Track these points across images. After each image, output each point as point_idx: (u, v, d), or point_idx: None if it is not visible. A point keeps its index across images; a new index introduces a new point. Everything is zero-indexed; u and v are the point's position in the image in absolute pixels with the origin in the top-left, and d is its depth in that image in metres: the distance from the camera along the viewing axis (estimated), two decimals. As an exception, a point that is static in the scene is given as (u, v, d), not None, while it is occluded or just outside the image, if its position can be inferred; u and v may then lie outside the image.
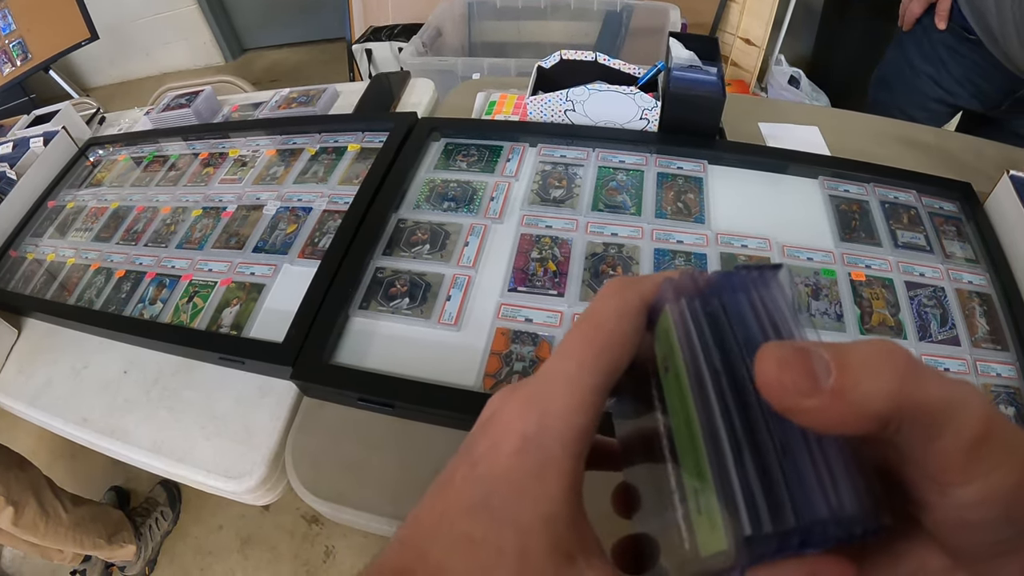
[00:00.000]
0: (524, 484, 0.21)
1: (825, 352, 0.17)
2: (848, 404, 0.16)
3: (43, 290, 0.93)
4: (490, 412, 0.24)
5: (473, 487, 0.21)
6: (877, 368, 0.16)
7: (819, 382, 0.16)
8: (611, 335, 0.22)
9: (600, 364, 0.22)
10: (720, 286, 0.22)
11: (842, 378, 0.16)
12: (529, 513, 0.20)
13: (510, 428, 0.22)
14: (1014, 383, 0.63)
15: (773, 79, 2.34)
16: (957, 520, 0.17)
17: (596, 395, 0.22)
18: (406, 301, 0.72)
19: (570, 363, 0.22)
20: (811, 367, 0.16)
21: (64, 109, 1.29)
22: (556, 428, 0.21)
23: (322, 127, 1.03)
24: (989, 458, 0.16)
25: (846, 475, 0.17)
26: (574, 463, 0.21)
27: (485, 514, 0.21)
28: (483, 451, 0.22)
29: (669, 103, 0.84)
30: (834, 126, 1.00)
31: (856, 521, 0.17)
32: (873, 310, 0.68)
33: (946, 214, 0.79)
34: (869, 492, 0.17)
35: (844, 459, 0.17)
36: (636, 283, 0.23)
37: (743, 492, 0.17)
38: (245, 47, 3.79)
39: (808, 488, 0.17)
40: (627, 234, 0.76)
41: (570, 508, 0.21)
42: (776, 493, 0.17)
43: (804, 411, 0.16)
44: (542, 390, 0.22)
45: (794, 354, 0.17)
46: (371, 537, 1.51)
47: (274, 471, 0.70)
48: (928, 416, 0.16)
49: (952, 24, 1.11)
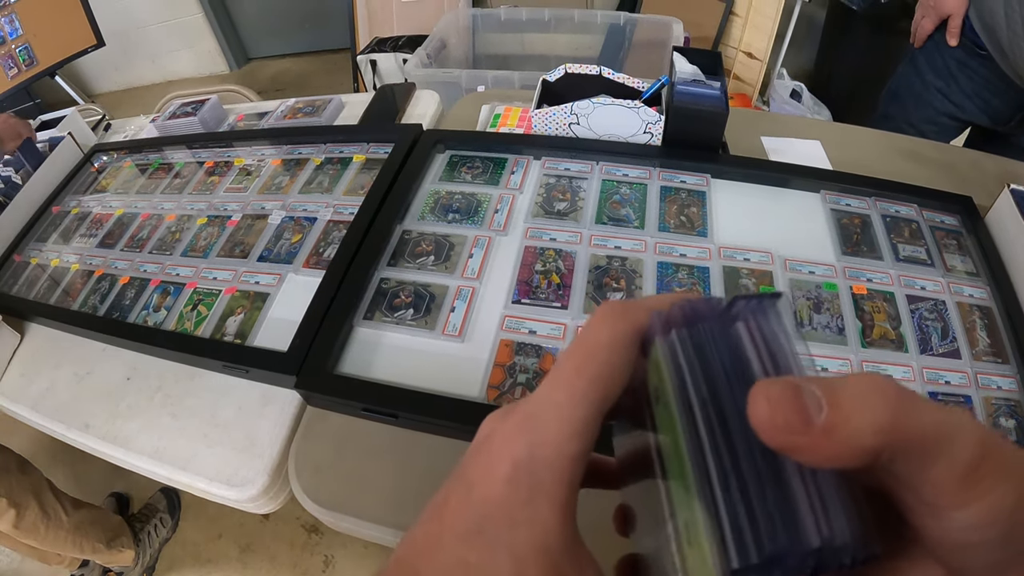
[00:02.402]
0: (516, 511, 0.21)
1: (817, 388, 0.17)
2: (840, 440, 0.16)
3: (47, 295, 0.94)
4: (483, 435, 0.24)
5: (468, 511, 0.22)
6: (868, 402, 0.16)
7: (811, 419, 0.16)
8: (603, 366, 0.22)
9: (592, 395, 0.22)
10: (710, 316, 0.22)
11: (833, 415, 0.16)
12: (523, 541, 0.20)
13: (502, 454, 0.22)
14: (1015, 395, 0.63)
15: (775, 93, 2.35)
16: (955, 543, 0.17)
17: (587, 425, 0.22)
18: (410, 312, 0.72)
19: (561, 393, 0.22)
20: (802, 404, 0.16)
21: (70, 115, 1.30)
22: (547, 456, 0.21)
23: (327, 138, 1.04)
24: (985, 481, 0.16)
25: (839, 504, 0.17)
26: (566, 491, 0.21)
27: (480, 540, 0.21)
28: (477, 475, 0.22)
29: (672, 117, 0.85)
30: (836, 140, 1.00)
31: (847, 550, 0.17)
32: (874, 323, 0.68)
33: (947, 228, 0.80)
34: (861, 520, 0.17)
35: (836, 488, 0.17)
36: (628, 312, 0.23)
37: (731, 525, 0.17)
38: (250, 56, 3.81)
39: (798, 518, 0.17)
40: (630, 247, 0.77)
41: (564, 534, 0.21)
42: (763, 525, 0.17)
43: (797, 448, 0.17)
44: (533, 417, 0.22)
45: (785, 392, 0.17)
46: (371, 547, 1.50)
47: (276, 480, 0.70)
48: (921, 446, 0.16)
49: (963, 39, 1.12)
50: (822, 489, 0.17)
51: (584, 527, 0.22)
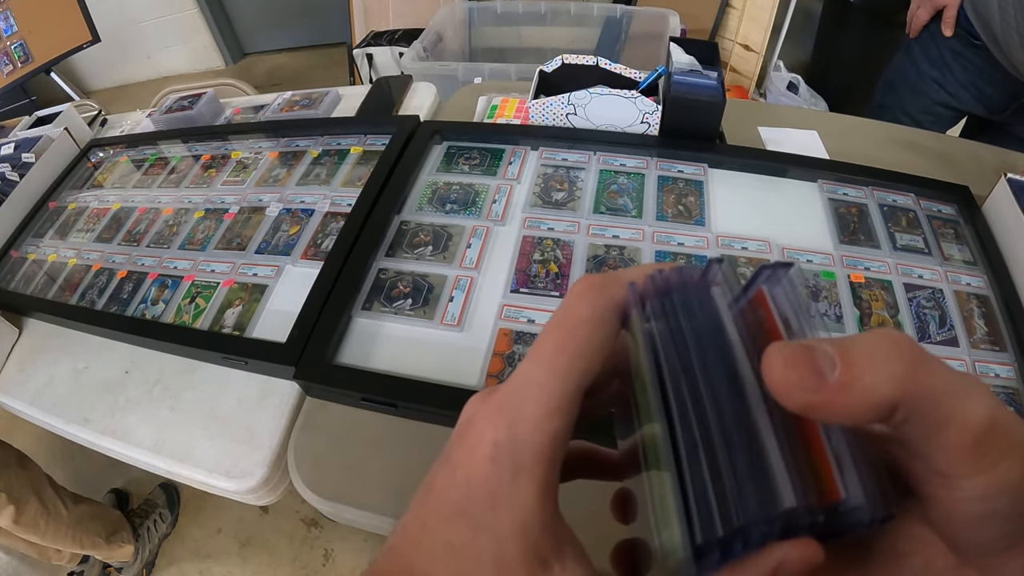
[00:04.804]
0: (498, 491, 0.21)
1: (830, 347, 0.17)
2: (855, 395, 0.16)
3: (44, 290, 0.94)
4: (466, 417, 0.24)
5: (452, 494, 0.22)
6: (883, 356, 0.16)
7: (824, 376, 0.16)
8: (583, 341, 0.22)
9: (572, 371, 0.22)
10: (682, 285, 0.22)
11: (847, 370, 0.16)
12: (504, 520, 0.21)
13: (483, 435, 0.22)
14: (1012, 383, 0.64)
15: (772, 85, 2.35)
16: (964, 514, 0.17)
17: (568, 401, 0.22)
18: (409, 302, 0.72)
19: (541, 370, 0.22)
20: (816, 363, 0.17)
21: (66, 111, 1.29)
22: (527, 435, 0.21)
23: (324, 130, 1.04)
24: (995, 450, 0.16)
25: (852, 466, 0.17)
26: (546, 469, 0.21)
27: (464, 521, 0.21)
28: (460, 458, 0.22)
29: (670, 107, 0.84)
30: (833, 130, 1.00)
31: (863, 510, 0.17)
32: (872, 312, 0.69)
33: (944, 217, 0.80)
34: (877, 482, 0.17)
35: (851, 451, 0.17)
36: (606, 286, 0.23)
37: (696, 498, 0.17)
38: (246, 51, 3.80)
39: (773, 483, 0.17)
40: (628, 236, 0.77)
41: (544, 513, 0.21)
42: (731, 495, 0.17)
43: (813, 407, 0.17)
44: (513, 397, 0.22)
45: (798, 352, 0.17)
46: (370, 540, 1.50)
47: (276, 471, 0.70)
48: (935, 404, 0.16)
49: (959, 29, 1.12)
50: (838, 451, 0.17)
51: (582, 513, 0.22)
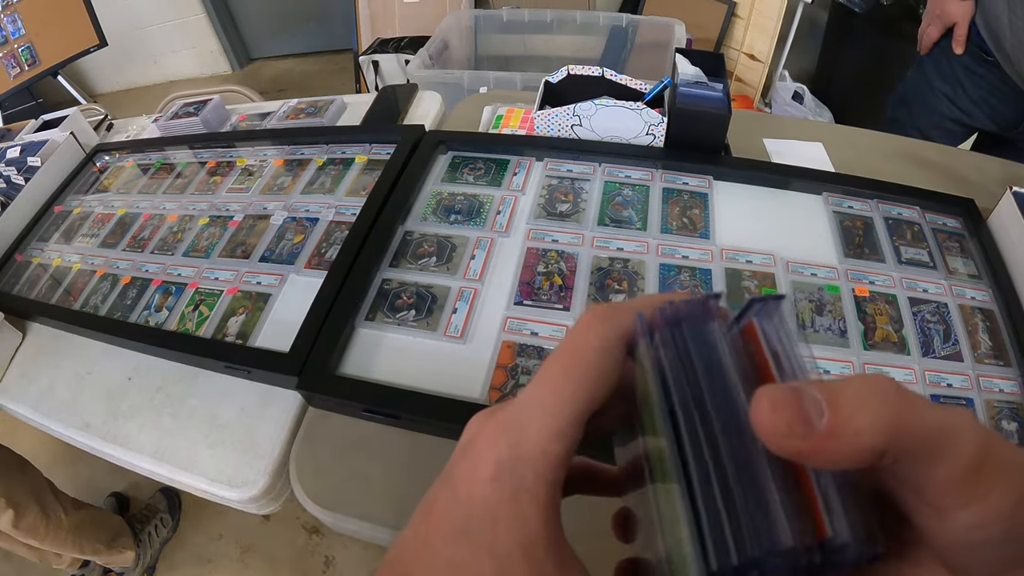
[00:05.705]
0: (499, 510, 0.21)
1: (817, 392, 0.17)
2: (843, 442, 0.16)
3: (48, 295, 0.94)
4: (469, 436, 0.24)
5: (454, 512, 0.22)
6: (868, 403, 0.16)
7: (812, 423, 0.16)
8: (591, 369, 0.22)
9: (578, 396, 0.22)
10: (690, 316, 0.22)
11: (835, 417, 0.16)
12: (505, 540, 0.21)
13: (486, 455, 0.22)
14: (1017, 399, 0.63)
15: (777, 95, 2.35)
16: (958, 543, 0.17)
17: (572, 425, 0.22)
18: (412, 313, 0.72)
19: (547, 393, 0.22)
20: (803, 408, 0.16)
21: (72, 115, 1.29)
22: (529, 455, 0.21)
23: (330, 138, 1.04)
24: (987, 480, 0.16)
25: (840, 505, 0.17)
26: (548, 489, 0.21)
27: (465, 540, 0.21)
28: (462, 476, 0.22)
29: (675, 119, 0.84)
30: (838, 142, 1.00)
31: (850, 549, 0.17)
32: (877, 326, 0.68)
33: (949, 230, 0.80)
34: (864, 520, 0.17)
35: (839, 489, 0.17)
36: (614, 315, 0.23)
37: (710, 525, 0.17)
38: (252, 56, 3.82)
39: (774, 519, 0.17)
40: (632, 249, 0.77)
41: (547, 533, 0.21)
42: (745, 526, 0.17)
43: (801, 453, 0.17)
44: (517, 417, 0.22)
45: (786, 397, 0.17)
46: (371, 548, 1.50)
47: (277, 480, 0.70)
48: (924, 445, 0.16)
49: (970, 45, 1.12)
50: (825, 490, 0.17)
51: (584, 531, 0.22)
